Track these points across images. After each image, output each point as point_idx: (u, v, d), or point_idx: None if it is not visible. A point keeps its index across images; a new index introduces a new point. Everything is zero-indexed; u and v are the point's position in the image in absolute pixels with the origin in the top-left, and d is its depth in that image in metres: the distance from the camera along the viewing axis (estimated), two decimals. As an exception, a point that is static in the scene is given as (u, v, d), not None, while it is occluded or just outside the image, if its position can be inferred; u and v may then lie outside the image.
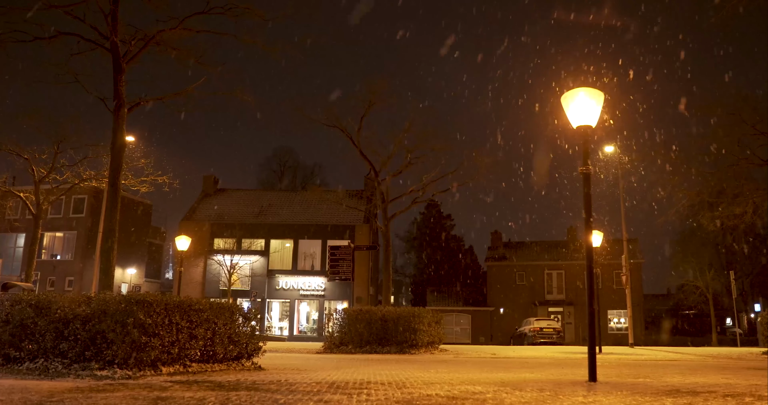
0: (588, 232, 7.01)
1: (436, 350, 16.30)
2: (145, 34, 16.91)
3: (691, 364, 11.42)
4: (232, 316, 8.79)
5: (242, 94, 18.66)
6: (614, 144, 25.28)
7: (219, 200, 44.79)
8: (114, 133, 16.44)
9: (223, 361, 8.51)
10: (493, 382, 6.63)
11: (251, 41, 17.68)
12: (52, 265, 42.51)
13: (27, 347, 7.62)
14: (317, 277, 40.48)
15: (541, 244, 50.77)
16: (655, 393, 5.48)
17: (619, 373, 8.22)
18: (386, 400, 4.85)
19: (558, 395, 5.28)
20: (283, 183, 59.68)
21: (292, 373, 7.91)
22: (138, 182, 27.60)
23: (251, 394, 5.24)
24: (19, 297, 8.10)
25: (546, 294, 47.62)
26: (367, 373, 7.99)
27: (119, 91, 16.34)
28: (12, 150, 27.86)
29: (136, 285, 46.03)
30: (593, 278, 7.02)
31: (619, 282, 38.62)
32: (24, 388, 5.67)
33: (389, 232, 27.58)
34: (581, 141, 7.06)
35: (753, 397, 5.22)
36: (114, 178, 16.28)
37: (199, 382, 6.30)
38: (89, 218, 41.55)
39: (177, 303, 7.76)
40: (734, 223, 23.78)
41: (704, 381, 6.86)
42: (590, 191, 6.97)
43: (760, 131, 21.72)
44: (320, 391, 5.56)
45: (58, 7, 15.94)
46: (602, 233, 21.20)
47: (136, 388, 5.72)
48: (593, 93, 7.06)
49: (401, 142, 27.93)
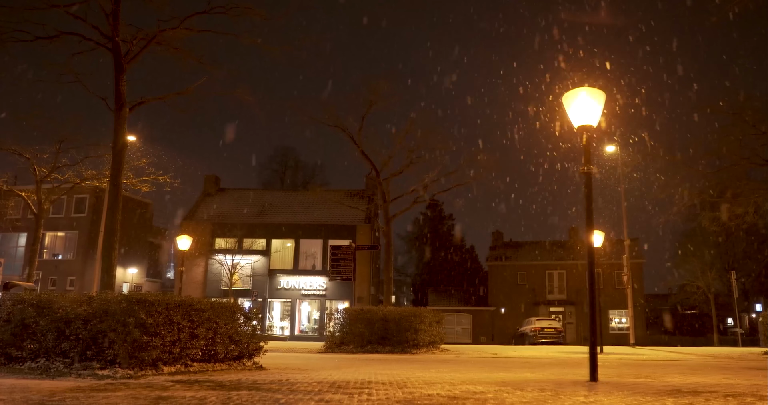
0: (589, 232, 7.00)
1: (437, 350, 16.29)
2: (146, 33, 16.91)
3: (692, 364, 11.41)
4: (233, 316, 8.79)
5: (243, 94, 18.66)
6: (615, 144, 25.26)
7: (220, 200, 44.82)
8: (115, 132, 16.44)
9: (224, 361, 8.51)
10: (494, 381, 6.63)
11: (252, 41, 17.68)
12: (54, 264, 42.54)
13: (28, 346, 7.63)
14: (318, 276, 40.49)
15: (542, 243, 50.76)
16: (656, 393, 5.48)
17: (620, 373, 8.22)
18: (387, 400, 4.85)
19: (559, 395, 5.28)
20: (284, 183, 59.71)
21: (293, 372, 7.91)
22: (139, 182, 27.59)
23: (252, 394, 5.24)
24: (20, 296, 8.11)
25: (547, 294, 47.61)
26: (368, 372, 7.99)
27: (120, 91, 16.34)
28: (13, 150, 27.87)
29: (138, 284, 46.06)
30: (595, 278, 7.02)
31: (620, 282, 38.58)
32: (25, 387, 5.68)
33: (390, 231, 27.56)
34: (582, 141, 7.06)
35: (754, 397, 5.22)
36: (115, 178, 16.28)
37: (200, 382, 6.30)
38: (90, 218, 41.57)
39: (178, 302, 7.77)
40: (735, 222, 23.76)
41: (705, 381, 6.86)
42: (591, 191, 6.97)
43: (761, 131, 21.70)
44: (321, 390, 5.56)
45: (59, 7, 15.94)
46: (603, 233, 21.19)
47: (138, 387, 5.72)
48: (594, 93, 7.06)
49: (402, 142, 27.90)
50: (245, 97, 18.73)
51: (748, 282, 51.19)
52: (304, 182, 59.83)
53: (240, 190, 46.65)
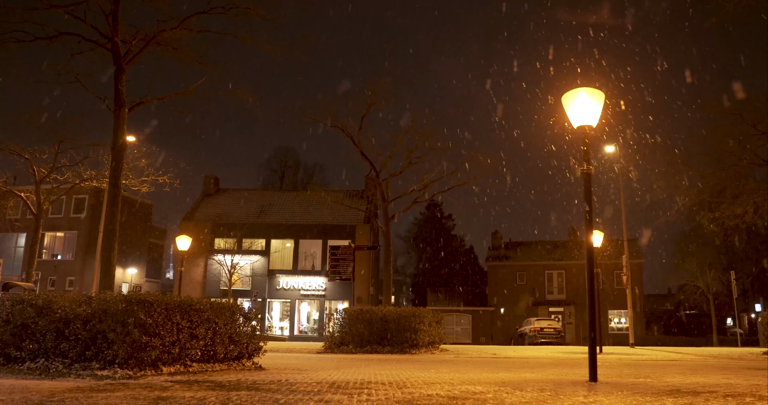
0: (589, 232, 7.01)
1: (437, 350, 16.29)
2: (145, 34, 16.93)
3: (691, 364, 11.41)
4: (232, 316, 8.79)
5: (243, 94, 18.68)
6: (615, 144, 25.27)
7: (220, 200, 44.81)
8: (115, 133, 16.44)
9: (223, 361, 8.51)
10: (494, 382, 6.63)
11: (252, 41, 17.69)
12: (53, 264, 42.53)
13: (28, 347, 7.62)
14: (318, 277, 40.49)
15: (542, 243, 50.78)
16: (656, 393, 5.48)
17: (619, 373, 8.22)
18: (387, 400, 4.85)
19: (558, 395, 5.28)
20: (283, 183, 59.68)
21: (292, 372, 7.91)
22: (139, 182, 27.59)
23: (252, 394, 5.24)
24: (20, 297, 8.10)
25: (547, 294, 47.63)
26: (367, 373, 7.99)
27: (120, 91, 16.34)
28: (13, 150, 27.86)
29: (137, 285, 46.04)
30: (594, 278, 7.02)
31: (619, 282, 38.64)
32: (25, 387, 5.68)
33: (390, 232, 27.56)
34: (582, 141, 7.06)
35: (754, 397, 5.22)
36: (115, 178, 16.29)
37: (199, 382, 6.30)
38: (90, 218, 41.56)
39: (177, 303, 7.76)
40: (735, 223, 23.77)
41: (705, 381, 6.86)
42: (591, 191, 6.97)
43: (761, 131, 21.72)
44: (321, 391, 5.56)
45: (58, 7, 15.96)
46: (603, 233, 21.20)
47: (137, 387, 5.72)
48: (594, 93, 7.06)
49: (402, 142, 27.92)
50: (245, 97, 18.76)
51: (748, 282, 51.19)
52: (303, 182, 59.84)
53: (239, 191, 46.64)
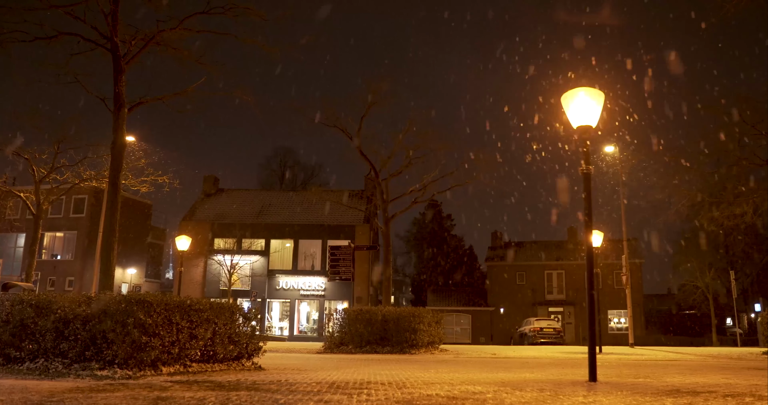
0: (588, 232, 7.01)
1: (437, 350, 16.29)
2: (145, 34, 16.90)
3: (691, 364, 11.41)
4: (232, 316, 8.78)
5: (242, 94, 18.66)
6: (615, 144, 25.27)
7: (219, 200, 44.80)
8: (114, 133, 16.43)
9: (223, 361, 8.51)
10: (494, 382, 6.63)
11: (251, 41, 17.67)
12: (53, 265, 42.51)
13: (27, 347, 7.61)
14: (317, 277, 40.48)
15: (542, 243, 50.79)
16: (656, 393, 5.48)
17: (619, 373, 8.22)
18: (386, 400, 4.85)
19: (558, 395, 5.28)
20: (283, 183, 59.69)
21: (292, 373, 7.91)
22: (138, 182, 27.59)
23: (251, 394, 5.23)
24: (19, 297, 8.10)
25: (546, 294, 47.63)
26: (367, 373, 7.99)
27: (119, 91, 16.33)
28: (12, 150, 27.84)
29: (137, 285, 46.03)
30: (594, 278, 7.02)
31: (619, 282, 38.62)
32: (24, 387, 5.67)
33: (389, 232, 27.55)
34: (581, 141, 7.06)
35: (753, 397, 5.22)
36: (114, 178, 16.27)
37: (199, 382, 6.30)
38: (89, 218, 41.54)
39: (177, 303, 7.76)
40: (734, 223, 23.78)
41: (704, 381, 6.86)
42: (591, 191, 6.97)
43: (760, 131, 21.73)
44: (320, 391, 5.56)
45: (58, 7, 15.93)
46: (602, 233, 21.19)
47: (137, 388, 5.72)
48: (593, 93, 7.05)
49: (401, 142, 27.92)
50: (245, 97, 18.74)
51: (747, 282, 51.20)
52: (303, 182, 59.86)
53: (239, 191, 46.63)
